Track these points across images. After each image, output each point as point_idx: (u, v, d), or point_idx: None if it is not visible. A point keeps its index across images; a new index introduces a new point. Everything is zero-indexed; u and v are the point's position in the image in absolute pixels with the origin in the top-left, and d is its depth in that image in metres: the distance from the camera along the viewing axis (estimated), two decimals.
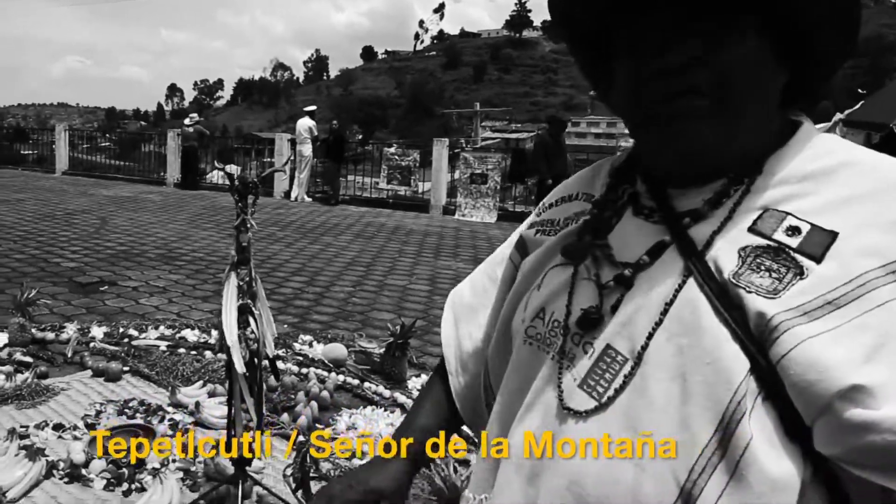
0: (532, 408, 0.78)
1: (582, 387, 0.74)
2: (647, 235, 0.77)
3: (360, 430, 3.17)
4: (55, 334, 4.37)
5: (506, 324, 0.91)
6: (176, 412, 3.38)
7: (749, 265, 0.68)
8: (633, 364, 0.70)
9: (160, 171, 17.22)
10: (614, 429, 0.70)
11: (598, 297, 0.76)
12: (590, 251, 0.80)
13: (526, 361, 0.82)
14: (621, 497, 0.68)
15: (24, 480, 2.60)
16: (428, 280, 7.04)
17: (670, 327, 0.69)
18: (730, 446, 0.63)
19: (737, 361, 0.64)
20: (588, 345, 0.75)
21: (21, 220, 9.69)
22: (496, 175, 12.68)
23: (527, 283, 0.88)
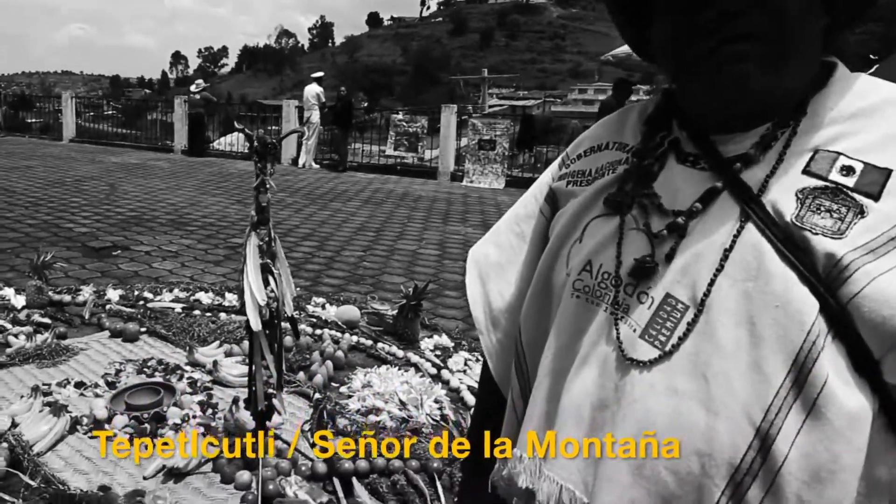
0: (587, 361, 0.78)
1: (643, 337, 0.74)
2: (695, 182, 0.77)
3: (374, 388, 3.22)
4: (71, 297, 4.42)
5: (544, 280, 0.89)
6: (194, 371, 3.43)
7: (809, 207, 0.69)
8: (696, 311, 0.71)
9: (166, 138, 17.17)
10: (680, 376, 0.70)
11: (649, 246, 0.76)
12: (636, 201, 0.80)
13: (574, 315, 0.82)
14: (695, 441, 0.69)
15: (50, 435, 2.65)
16: (437, 245, 7.06)
17: (733, 273, 0.70)
18: (806, 385, 0.65)
19: (807, 303, 0.65)
20: (644, 294, 0.75)
21: (31, 186, 9.72)
22: (504, 141, 12.60)
23: (565, 237, 0.87)
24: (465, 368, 3.63)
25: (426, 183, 12.51)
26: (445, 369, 3.59)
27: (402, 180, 12.75)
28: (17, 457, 2.48)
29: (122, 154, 15.34)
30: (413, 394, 3.15)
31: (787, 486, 0.66)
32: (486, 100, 46.12)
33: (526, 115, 13.49)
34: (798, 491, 0.65)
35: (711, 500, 0.68)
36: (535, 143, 14.13)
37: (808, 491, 0.65)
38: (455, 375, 3.52)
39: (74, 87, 50.98)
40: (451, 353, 3.82)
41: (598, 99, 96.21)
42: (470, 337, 4.19)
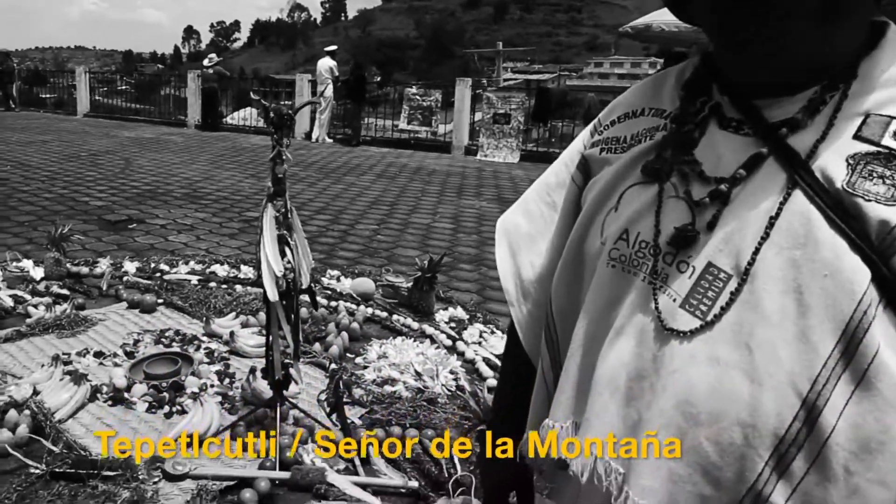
0: (623, 331, 0.77)
1: (684, 306, 0.72)
2: (739, 148, 0.74)
3: (390, 359, 3.23)
4: (89, 269, 4.46)
5: (576, 249, 0.87)
6: (211, 341, 3.46)
7: (860, 173, 0.67)
8: (740, 280, 0.69)
9: (179, 113, 17.17)
10: (723, 346, 0.69)
11: (690, 214, 0.74)
12: (676, 167, 0.78)
13: (609, 285, 0.80)
14: (737, 412, 0.67)
15: (71, 403, 2.69)
16: (451, 218, 7.04)
17: (779, 241, 0.68)
18: (856, 355, 0.64)
19: (858, 272, 0.64)
20: (683, 264, 0.74)
21: (47, 160, 9.77)
22: (519, 115, 12.48)
23: (599, 205, 0.85)
24: (480, 340, 3.63)
25: (440, 157, 12.45)
26: (460, 341, 3.60)
27: (416, 154, 12.70)
28: (40, 423, 2.51)
29: (135, 129, 15.37)
30: (429, 365, 3.16)
31: (834, 457, 0.64)
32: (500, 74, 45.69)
33: (541, 88, 13.32)
34: (845, 462, 0.64)
35: (754, 471, 0.67)
36: (550, 116, 13.99)
37: (857, 462, 0.64)
38: (470, 347, 3.52)
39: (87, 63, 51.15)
40: (465, 326, 3.82)
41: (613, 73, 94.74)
42: (485, 310, 4.19)
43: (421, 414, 2.77)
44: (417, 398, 2.93)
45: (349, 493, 2.25)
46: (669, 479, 0.71)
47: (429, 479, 2.38)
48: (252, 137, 14.35)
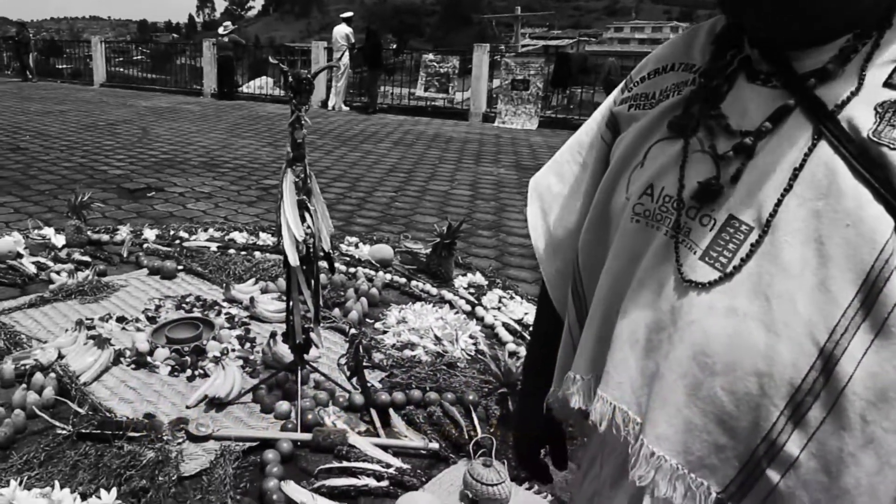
0: (644, 284, 0.77)
1: (704, 259, 0.72)
2: (766, 101, 0.73)
3: (409, 324, 3.23)
4: (109, 236, 4.48)
5: (602, 205, 0.87)
6: (231, 307, 3.47)
7: (889, 121, 0.65)
8: (761, 232, 0.69)
9: (195, 82, 17.13)
10: (742, 297, 0.69)
11: (714, 168, 0.74)
12: (702, 122, 0.77)
13: (633, 239, 0.80)
14: (753, 362, 0.68)
15: (95, 366, 2.72)
16: (469, 185, 6.99)
17: (802, 192, 0.67)
18: (876, 304, 0.63)
19: (881, 221, 0.63)
20: (706, 217, 0.74)
21: (66, 130, 9.81)
22: (538, 81, 12.30)
23: (625, 161, 0.85)
24: (499, 306, 3.61)
25: (457, 124, 12.34)
26: (480, 306, 3.59)
27: (433, 122, 12.60)
28: (65, 386, 2.55)
29: (152, 98, 15.38)
30: (448, 329, 3.15)
31: (851, 406, 0.64)
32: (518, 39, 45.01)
33: (561, 53, 13.10)
34: (862, 411, 0.64)
35: (769, 420, 0.67)
36: (570, 82, 13.79)
37: (874, 411, 0.64)
38: (489, 312, 3.51)
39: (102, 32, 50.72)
40: (484, 291, 3.80)
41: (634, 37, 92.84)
42: (504, 276, 4.17)
43: (441, 378, 2.77)
44: (437, 362, 2.93)
45: (370, 454, 2.26)
46: (685, 429, 0.72)
47: (449, 440, 2.38)
48: (268, 106, 14.31)
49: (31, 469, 2.06)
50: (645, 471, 0.73)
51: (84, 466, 2.07)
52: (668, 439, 0.73)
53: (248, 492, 2.09)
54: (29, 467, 2.07)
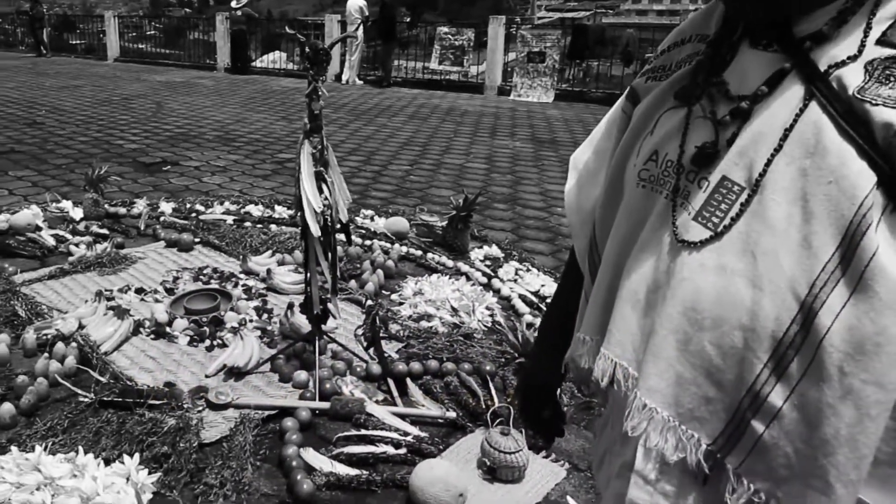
0: (646, 247, 0.80)
1: (696, 219, 0.75)
2: (765, 66, 0.75)
3: (426, 296, 3.23)
4: (126, 209, 4.50)
5: (617, 174, 0.90)
6: (248, 279, 3.49)
7: (877, 78, 0.67)
8: (751, 192, 0.71)
9: (208, 56, 17.08)
10: (730, 255, 0.71)
11: (713, 133, 0.76)
12: (704, 90, 0.79)
13: (638, 204, 0.83)
14: (738, 317, 0.70)
15: (115, 336, 2.74)
16: (485, 159, 6.94)
17: (791, 152, 0.69)
18: (854, 258, 0.64)
19: (862, 177, 0.65)
20: (703, 180, 0.76)
21: (81, 104, 9.84)
22: (555, 53, 12.13)
23: (638, 131, 0.87)
24: (515, 278, 3.60)
25: (472, 98, 12.24)
26: (496, 278, 3.57)
27: (448, 95, 12.49)
28: (87, 355, 2.57)
29: (166, 73, 15.35)
30: (465, 301, 3.15)
31: (829, 358, 0.66)
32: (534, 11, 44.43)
33: (578, 25, 12.90)
34: (840, 363, 0.65)
35: (753, 372, 0.69)
36: (586, 55, 13.59)
37: (852, 363, 0.65)
38: (506, 284, 3.50)
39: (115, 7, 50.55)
40: (501, 264, 3.79)
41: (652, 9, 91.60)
42: (520, 248, 4.15)
43: (457, 348, 2.78)
44: (454, 333, 2.93)
45: (388, 423, 2.27)
46: (676, 382, 0.74)
47: (466, 410, 2.39)
48: (282, 80, 14.25)
49: (55, 435, 2.09)
50: (637, 422, 0.76)
51: (107, 433, 2.10)
52: (659, 392, 0.75)
53: (268, 458, 2.11)
54: (53, 433, 2.10)
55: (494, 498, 2.00)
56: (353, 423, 2.28)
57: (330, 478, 2.00)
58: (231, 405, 2.32)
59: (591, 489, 2.09)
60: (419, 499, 1.90)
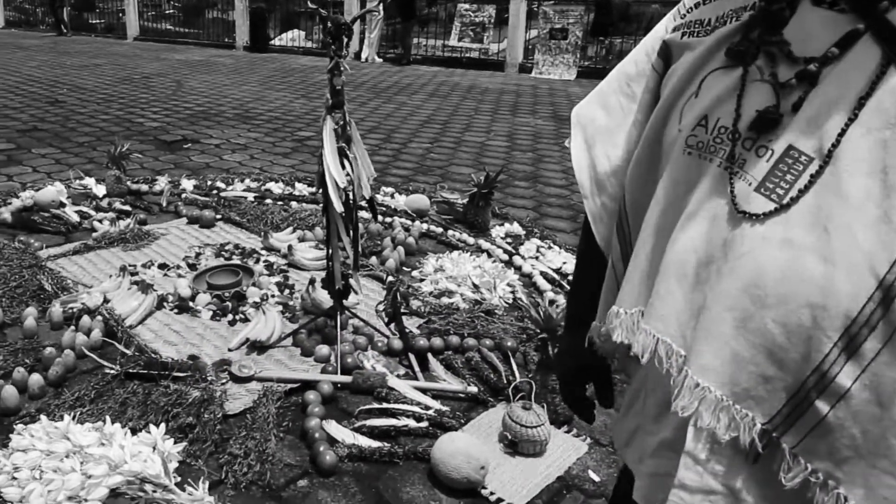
0: (695, 216, 0.75)
1: (759, 190, 0.70)
2: (832, 26, 0.69)
3: (447, 273, 3.22)
4: (148, 186, 4.53)
5: (653, 139, 0.85)
6: (269, 255, 3.50)
7: None
8: (822, 163, 0.67)
9: (226, 35, 17.06)
10: (798, 228, 0.67)
11: (774, 97, 0.71)
12: (763, 49, 0.73)
13: (684, 172, 0.78)
14: (808, 293, 0.66)
15: (140, 310, 2.77)
16: (506, 136, 6.89)
17: (868, 121, 0.65)
18: None
19: None
20: (763, 148, 0.71)
21: (101, 83, 9.88)
22: (577, 30, 11.96)
23: (679, 92, 0.82)
24: (537, 255, 3.58)
25: (493, 75, 12.14)
26: (517, 255, 3.56)
27: (468, 73, 12.40)
28: (112, 329, 2.61)
29: (185, 51, 15.37)
30: (486, 277, 3.14)
31: None
32: None
33: (601, 1, 12.66)
34: None
35: (821, 351, 0.66)
36: (610, 31, 13.38)
37: None
38: (527, 261, 3.48)
39: None
40: (522, 241, 3.77)
41: None
42: (542, 226, 4.12)
43: (479, 324, 2.77)
44: (475, 309, 2.92)
45: (409, 397, 2.28)
46: (732, 360, 0.71)
47: (487, 384, 2.39)
48: (301, 58, 14.21)
49: (82, 405, 2.13)
50: (688, 401, 0.73)
51: (133, 404, 2.13)
52: (713, 370, 0.72)
53: (291, 430, 2.13)
54: (80, 404, 2.13)
55: (515, 471, 2.01)
56: (374, 396, 2.29)
57: (352, 449, 2.01)
58: (254, 378, 2.34)
59: (613, 464, 2.08)
60: (441, 471, 1.91)
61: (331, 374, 2.40)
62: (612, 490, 1.97)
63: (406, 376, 2.44)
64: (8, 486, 1.75)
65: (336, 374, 2.39)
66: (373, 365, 2.46)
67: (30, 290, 2.94)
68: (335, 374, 2.39)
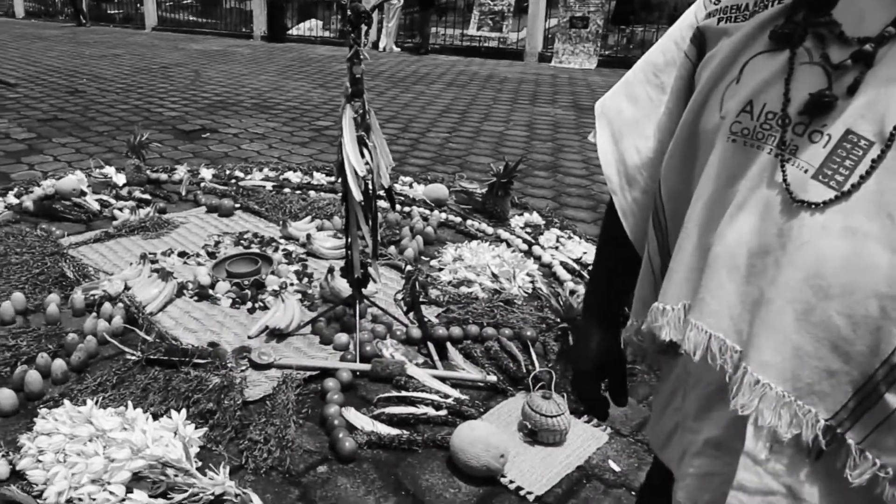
0: (744, 207, 0.73)
1: (817, 177, 0.68)
2: (886, 5, 0.67)
3: (466, 262, 3.21)
4: (168, 175, 4.55)
5: (690, 127, 0.82)
6: (288, 244, 3.51)
7: None
8: (884, 147, 0.65)
9: (244, 25, 17.09)
10: (860, 216, 0.65)
11: (826, 80, 0.69)
12: (811, 31, 0.71)
13: (729, 160, 0.76)
14: (874, 283, 0.64)
15: (160, 297, 2.79)
16: (525, 126, 6.85)
17: None
18: None
19: None
20: (817, 133, 0.69)
21: (120, 73, 9.94)
22: (598, 18, 11.84)
23: (717, 79, 0.79)
24: (556, 245, 3.55)
25: (512, 65, 12.06)
26: (537, 245, 3.53)
27: (487, 62, 12.33)
28: (133, 315, 2.62)
29: (203, 41, 15.42)
30: (505, 267, 3.12)
31: None
32: None
33: None
34: None
35: (890, 343, 0.64)
36: (632, 20, 13.23)
37: None
38: (547, 251, 3.46)
39: None
40: (542, 231, 3.74)
41: None
42: (561, 216, 4.09)
43: (498, 314, 2.76)
44: (494, 299, 2.91)
45: (428, 385, 2.27)
46: (793, 355, 0.69)
47: (507, 374, 2.38)
48: (318, 48, 14.21)
49: (104, 390, 2.14)
50: (748, 399, 0.71)
51: (154, 389, 2.14)
52: (773, 366, 0.70)
53: (310, 417, 2.14)
54: (102, 389, 2.15)
55: (535, 460, 2.00)
56: (393, 384, 2.29)
57: (371, 437, 2.01)
58: (273, 365, 2.35)
59: (634, 454, 2.07)
60: (460, 458, 1.90)
61: (350, 361, 2.40)
62: (632, 480, 1.96)
63: (425, 365, 2.44)
64: (33, 469, 1.77)
65: (355, 362, 2.39)
66: (391, 353, 2.45)
67: (52, 277, 2.96)
68: (354, 362, 2.39)
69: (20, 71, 9.71)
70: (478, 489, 1.90)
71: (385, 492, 1.88)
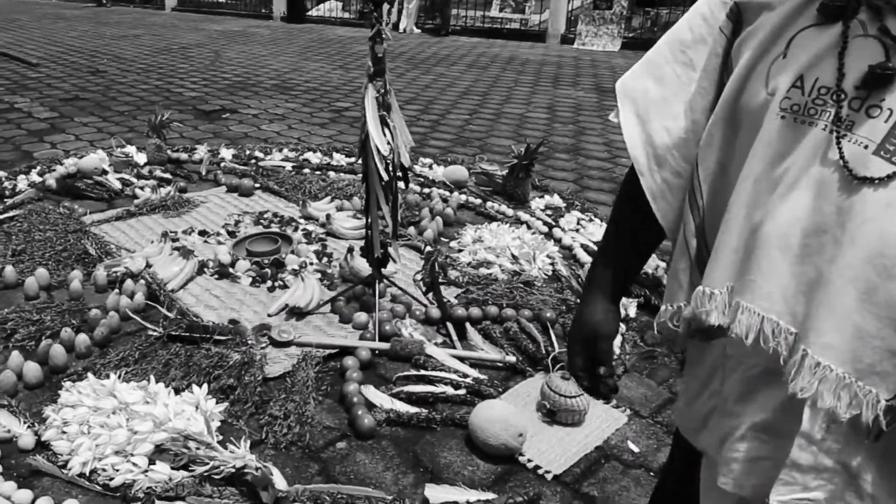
0: (797, 184, 0.71)
1: (878, 153, 0.66)
2: None
3: (486, 243, 3.19)
4: (188, 155, 4.57)
5: (731, 105, 0.80)
6: (308, 223, 3.51)
7: None
8: None
9: (264, 6, 17.06)
10: None
11: (883, 53, 0.67)
12: (865, 3, 0.69)
13: (779, 137, 0.73)
14: None
15: (181, 275, 2.81)
16: (546, 108, 6.78)
17: None
18: None
19: None
20: (875, 108, 0.67)
21: (140, 53, 9.98)
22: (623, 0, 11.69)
23: (760, 54, 0.77)
24: (577, 228, 3.53)
25: (534, 46, 11.94)
26: (557, 228, 3.51)
27: (508, 44, 12.21)
28: (154, 292, 2.65)
29: (222, 22, 15.42)
30: (525, 249, 3.10)
31: None
32: None
33: None
34: None
35: None
36: (657, 1, 13.03)
37: None
38: (567, 234, 3.43)
39: None
40: (562, 213, 3.72)
41: None
42: (582, 198, 4.06)
43: (517, 295, 2.75)
44: (514, 280, 2.90)
45: (447, 364, 2.27)
46: (855, 336, 0.68)
47: (526, 355, 2.37)
48: (338, 29, 14.16)
49: (126, 365, 2.17)
50: (808, 382, 0.70)
51: (175, 365, 2.16)
52: (835, 348, 0.68)
53: (330, 394, 2.15)
54: (125, 363, 2.18)
55: (553, 440, 1.99)
56: (412, 363, 2.29)
57: (390, 414, 2.02)
58: (293, 343, 2.36)
59: (653, 436, 2.05)
60: (479, 437, 1.90)
61: (369, 340, 2.40)
62: (650, 461, 1.95)
63: (444, 345, 2.44)
64: (58, 440, 1.80)
65: (374, 340, 2.40)
66: (410, 333, 2.46)
67: (75, 254, 2.99)
68: (373, 341, 2.39)
69: (42, 51, 9.78)
70: (496, 467, 1.90)
71: (404, 468, 1.88)
